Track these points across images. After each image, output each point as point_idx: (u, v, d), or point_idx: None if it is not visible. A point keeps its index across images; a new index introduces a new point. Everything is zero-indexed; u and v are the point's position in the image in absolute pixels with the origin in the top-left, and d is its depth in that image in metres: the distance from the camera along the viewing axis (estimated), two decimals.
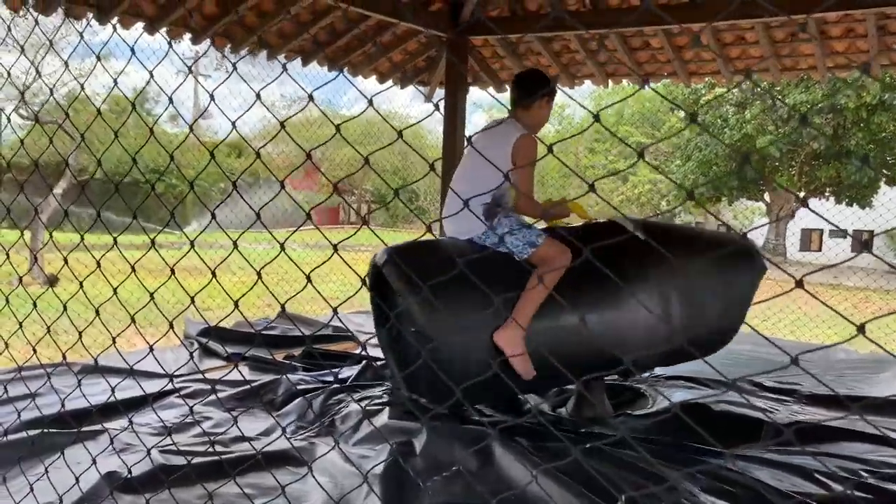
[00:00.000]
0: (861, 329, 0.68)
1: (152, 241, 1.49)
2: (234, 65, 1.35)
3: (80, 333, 1.62)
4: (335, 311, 1.19)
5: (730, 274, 3.28)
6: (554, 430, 2.01)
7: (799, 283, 0.72)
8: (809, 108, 17.87)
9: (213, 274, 1.32)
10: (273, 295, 1.36)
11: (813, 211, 0.74)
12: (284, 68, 1.32)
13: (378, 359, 4.35)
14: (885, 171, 20.28)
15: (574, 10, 5.36)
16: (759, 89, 18.18)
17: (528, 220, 3.20)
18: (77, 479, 2.01)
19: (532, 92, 3.22)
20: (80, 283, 1.75)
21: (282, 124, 1.27)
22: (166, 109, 1.63)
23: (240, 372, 3.55)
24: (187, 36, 4.88)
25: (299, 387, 3.62)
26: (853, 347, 5.42)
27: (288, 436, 2.98)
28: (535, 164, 3.25)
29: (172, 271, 1.42)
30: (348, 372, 4.03)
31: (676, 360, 3.41)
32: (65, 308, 1.80)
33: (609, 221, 3.38)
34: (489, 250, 3.04)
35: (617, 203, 27.76)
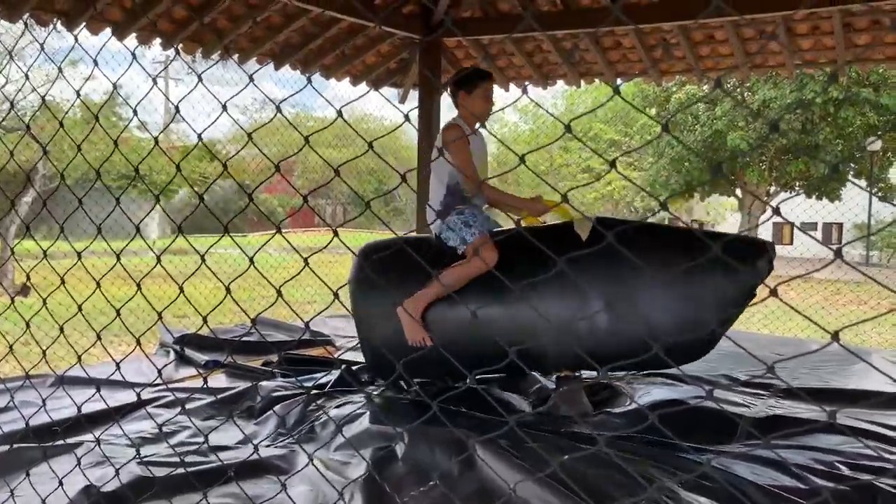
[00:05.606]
0: (835, 337, 0.68)
1: (117, 256, 1.46)
2: (199, 76, 1.33)
3: (44, 353, 1.59)
4: (307, 325, 1.18)
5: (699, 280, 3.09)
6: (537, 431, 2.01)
7: (773, 292, 0.73)
8: (779, 106, 18.10)
9: (181, 290, 1.30)
10: (244, 311, 1.35)
11: (786, 220, 0.74)
12: (251, 78, 1.30)
13: (356, 363, 4.32)
14: (852, 164, 20.64)
15: (546, 10, 5.38)
16: (728, 87, 18.40)
17: (475, 220, 3.33)
18: (63, 491, 1.97)
19: (452, 91, 3.50)
20: (44, 301, 1.72)
21: (249, 136, 1.26)
22: (131, 121, 1.60)
23: (205, 382, 3.51)
24: (157, 41, 4.82)
25: (278, 393, 3.58)
26: (826, 339, 5.50)
27: (261, 449, 2.94)
28: (465, 150, 3.32)
29: (138, 287, 1.39)
30: (327, 378, 4.00)
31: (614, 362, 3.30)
32: (27, 325, 1.76)
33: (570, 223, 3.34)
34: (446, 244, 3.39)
35: (591, 200, 27.90)
